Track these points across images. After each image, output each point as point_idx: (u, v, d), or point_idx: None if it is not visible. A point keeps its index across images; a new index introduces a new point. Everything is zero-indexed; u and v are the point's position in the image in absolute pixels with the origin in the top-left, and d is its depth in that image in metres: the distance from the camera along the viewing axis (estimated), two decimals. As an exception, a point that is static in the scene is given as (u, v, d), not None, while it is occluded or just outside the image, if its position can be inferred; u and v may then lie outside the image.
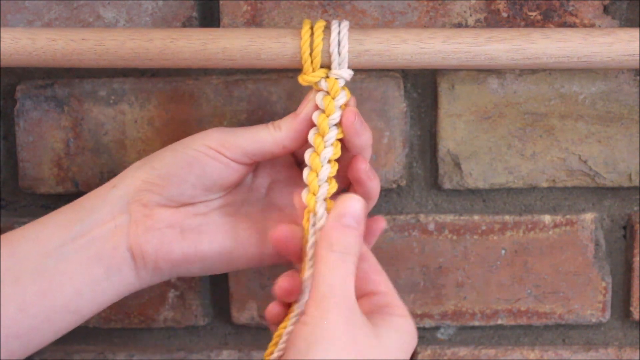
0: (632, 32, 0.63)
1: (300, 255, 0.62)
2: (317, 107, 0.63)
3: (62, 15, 0.71)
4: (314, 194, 0.62)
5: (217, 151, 0.63)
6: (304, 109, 0.63)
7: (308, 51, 0.63)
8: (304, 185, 0.63)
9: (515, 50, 0.63)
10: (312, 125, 0.64)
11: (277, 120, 0.64)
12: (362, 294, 0.61)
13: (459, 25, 0.70)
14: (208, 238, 0.64)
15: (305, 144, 0.64)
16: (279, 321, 0.62)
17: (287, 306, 0.62)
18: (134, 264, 0.63)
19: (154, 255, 0.63)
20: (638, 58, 0.63)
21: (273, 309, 0.62)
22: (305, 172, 0.63)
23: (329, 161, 0.63)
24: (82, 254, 0.62)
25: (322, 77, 0.63)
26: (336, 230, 0.58)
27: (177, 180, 0.63)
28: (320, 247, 0.58)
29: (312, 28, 0.63)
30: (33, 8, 0.71)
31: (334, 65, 0.63)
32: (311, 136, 0.63)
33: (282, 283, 0.61)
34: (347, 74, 0.63)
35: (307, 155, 0.63)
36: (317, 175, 0.63)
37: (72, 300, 0.62)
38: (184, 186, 0.63)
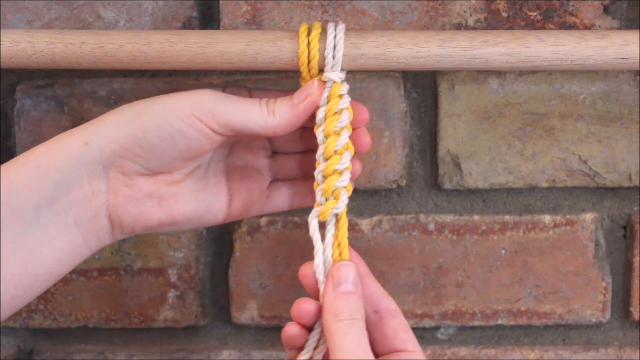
0: (626, 36, 0.64)
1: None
2: (317, 105, 0.63)
3: (62, 16, 0.71)
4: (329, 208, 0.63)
5: (205, 123, 0.61)
6: (303, 102, 0.63)
7: (306, 62, 0.63)
8: (263, 147, 0.67)
9: (510, 54, 0.64)
10: (308, 116, 0.63)
11: (271, 101, 0.63)
12: (390, 351, 0.63)
13: (459, 25, 0.70)
14: (182, 205, 0.65)
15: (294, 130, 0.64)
16: (294, 343, 0.63)
17: (304, 328, 0.63)
18: (112, 231, 0.63)
19: (132, 224, 0.63)
20: (631, 61, 0.64)
21: (290, 329, 0.63)
22: (319, 175, 0.64)
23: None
24: (60, 220, 0.61)
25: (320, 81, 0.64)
26: (337, 300, 0.61)
27: (159, 152, 0.62)
28: (326, 318, 0.60)
29: (308, 35, 0.63)
30: (33, 8, 0.71)
31: (327, 68, 0.63)
32: (320, 154, 0.64)
33: (299, 306, 0.63)
34: (338, 77, 0.63)
35: (320, 166, 0.64)
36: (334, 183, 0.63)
37: (53, 267, 0.61)
38: (164, 159, 0.62)
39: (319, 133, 0.63)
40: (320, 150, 0.63)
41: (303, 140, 0.68)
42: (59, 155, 0.61)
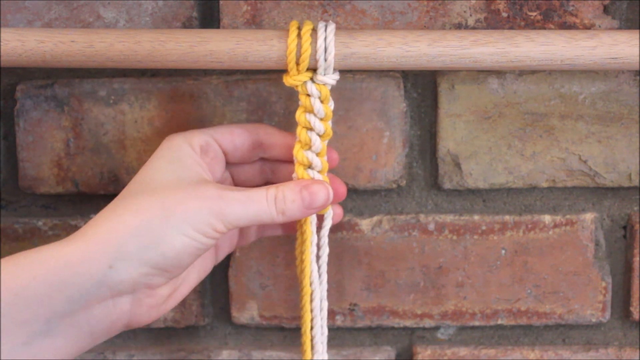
0: (615, 36, 0.64)
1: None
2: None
3: (62, 16, 0.71)
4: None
5: (217, 231, 0.61)
6: (315, 209, 0.64)
7: (294, 59, 0.63)
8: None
9: (500, 53, 0.64)
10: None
11: (279, 199, 0.62)
12: None
13: (459, 25, 0.70)
14: (188, 285, 0.67)
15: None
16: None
17: None
18: (123, 329, 0.62)
19: (148, 320, 0.63)
20: (620, 61, 0.64)
21: None
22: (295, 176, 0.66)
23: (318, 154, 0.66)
24: (73, 331, 0.59)
25: (307, 80, 0.64)
26: None
27: (185, 264, 0.61)
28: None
29: (299, 34, 0.63)
30: (33, 8, 0.71)
31: (320, 71, 0.63)
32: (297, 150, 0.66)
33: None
34: (333, 79, 0.64)
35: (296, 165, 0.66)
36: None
37: None
38: (188, 265, 0.62)
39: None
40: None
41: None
42: (79, 276, 0.58)
